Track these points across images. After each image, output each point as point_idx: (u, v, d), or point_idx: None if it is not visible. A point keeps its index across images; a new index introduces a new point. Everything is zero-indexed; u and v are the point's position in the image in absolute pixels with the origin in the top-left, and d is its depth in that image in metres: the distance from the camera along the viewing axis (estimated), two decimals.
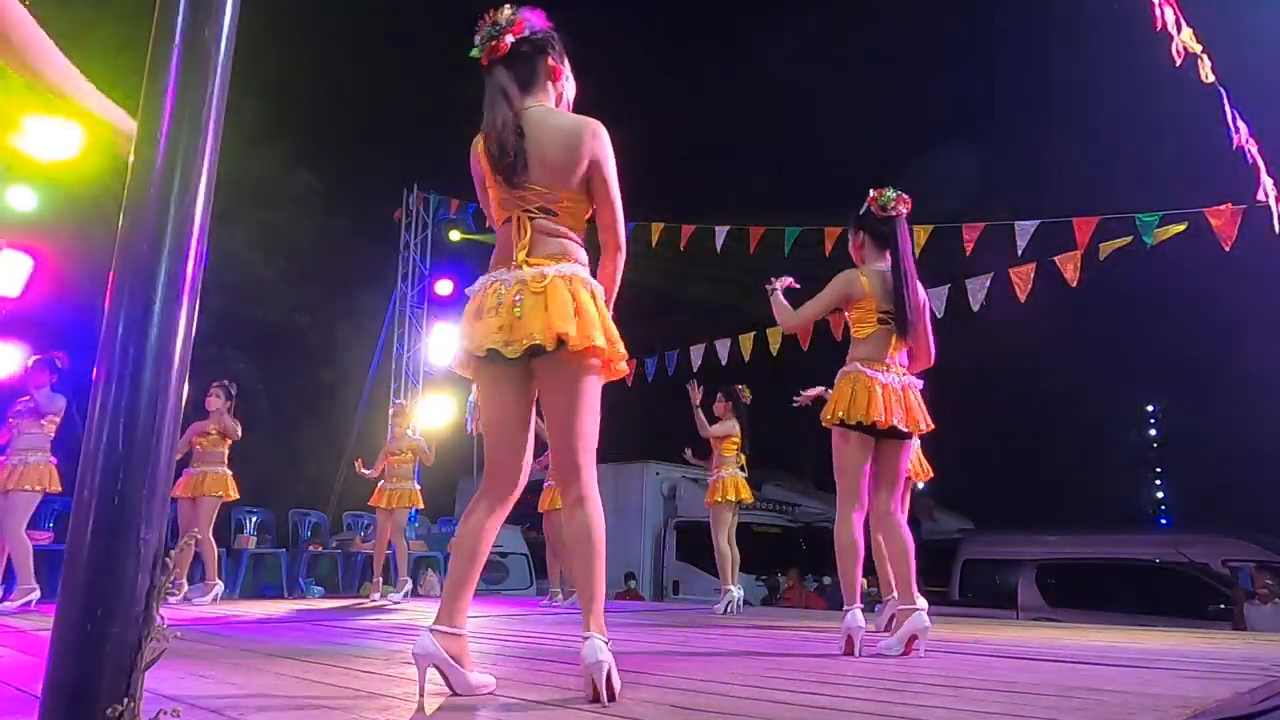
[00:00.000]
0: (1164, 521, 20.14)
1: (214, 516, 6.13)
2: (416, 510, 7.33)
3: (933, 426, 3.38)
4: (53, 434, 5.41)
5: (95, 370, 1.29)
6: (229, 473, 6.17)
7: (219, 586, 6.08)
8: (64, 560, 1.23)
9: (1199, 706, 1.94)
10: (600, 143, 2.18)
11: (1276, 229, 5.27)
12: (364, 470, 6.89)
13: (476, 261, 11.25)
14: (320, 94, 18.65)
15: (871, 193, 3.48)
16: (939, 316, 6.19)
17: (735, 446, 6.36)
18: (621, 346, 2.15)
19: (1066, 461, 18.90)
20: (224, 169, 1.41)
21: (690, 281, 17.36)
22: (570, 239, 2.18)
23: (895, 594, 3.84)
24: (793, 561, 10.50)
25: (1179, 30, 4.80)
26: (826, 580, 11.13)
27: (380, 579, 6.77)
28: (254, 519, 8.09)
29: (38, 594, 5.19)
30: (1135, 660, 3.02)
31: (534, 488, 8.84)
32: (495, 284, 2.14)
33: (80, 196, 11.86)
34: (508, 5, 2.23)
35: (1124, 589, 9.08)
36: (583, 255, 2.20)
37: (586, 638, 2.00)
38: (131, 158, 1.35)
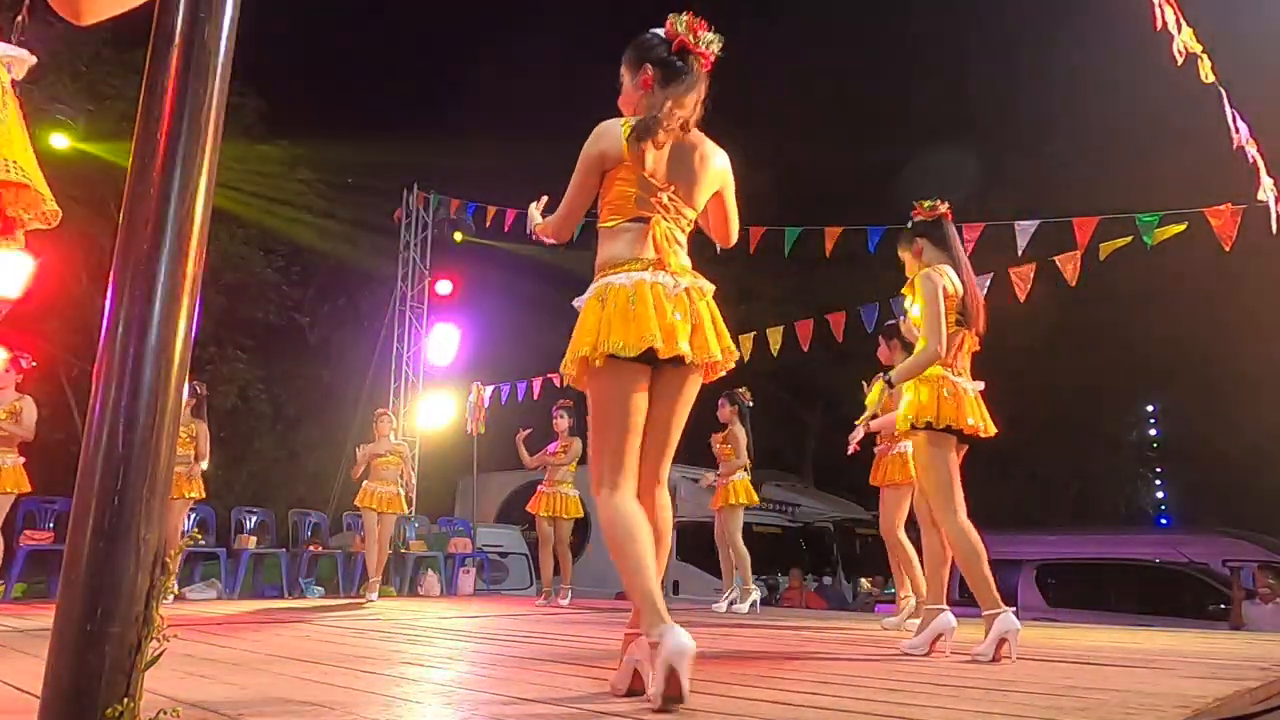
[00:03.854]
0: (1164, 521, 20.14)
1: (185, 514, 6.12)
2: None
3: (992, 432, 3.23)
4: (28, 436, 5.40)
5: (95, 370, 1.29)
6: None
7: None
8: (64, 560, 1.23)
9: (1199, 706, 1.94)
10: (729, 173, 2.40)
11: (1276, 229, 5.27)
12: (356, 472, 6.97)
13: (477, 262, 11.25)
14: (320, 94, 18.67)
15: (916, 204, 3.49)
16: None
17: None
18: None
19: (1066, 461, 18.89)
20: (224, 169, 1.41)
21: None
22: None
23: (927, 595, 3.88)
24: (793, 561, 10.50)
25: (1179, 30, 4.79)
26: (827, 580, 11.14)
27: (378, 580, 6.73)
28: (254, 519, 8.09)
29: None
30: (1135, 660, 3.02)
31: (529, 490, 8.78)
32: (654, 285, 2.14)
33: (80, 196, 11.87)
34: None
35: (1124, 589, 9.09)
36: None
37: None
38: (131, 158, 1.34)
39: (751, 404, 6.45)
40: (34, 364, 5.59)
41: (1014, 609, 3.03)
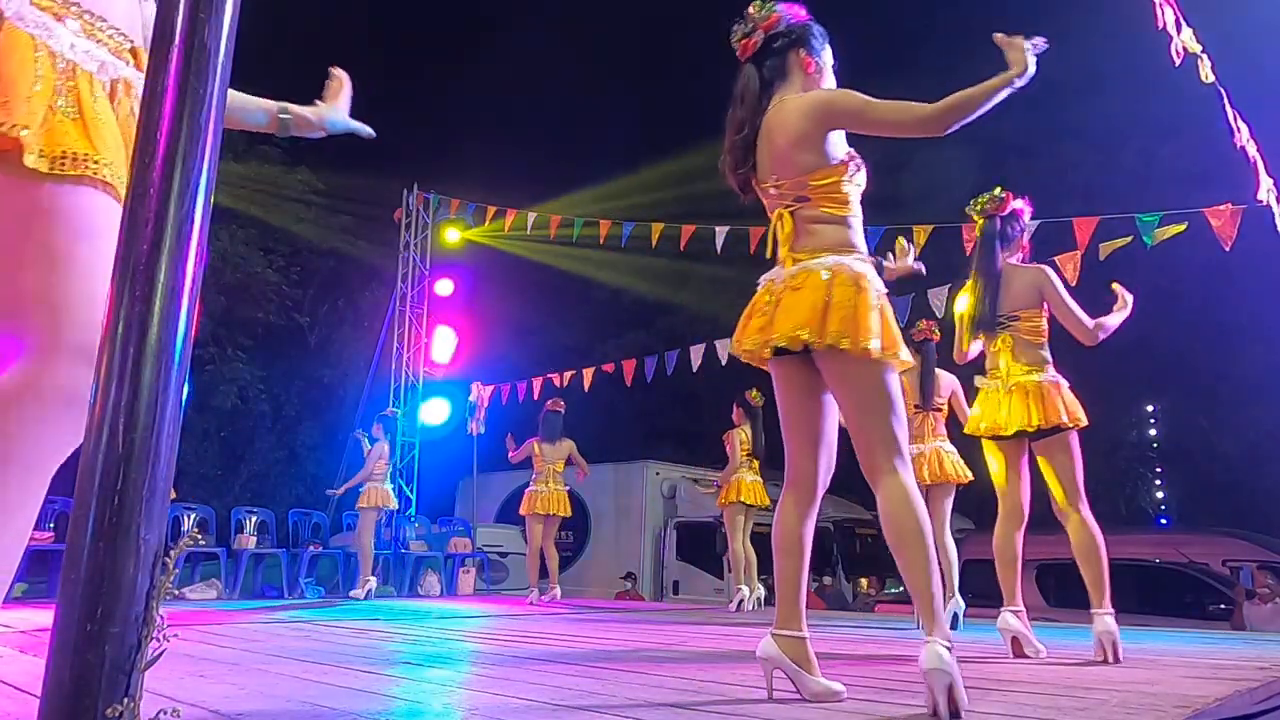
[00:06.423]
0: (1164, 521, 20.13)
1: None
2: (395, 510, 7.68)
3: (1055, 420, 3.24)
4: None
5: (95, 370, 1.29)
6: None
7: None
8: (64, 560, 1.23)
9: (1199, 706, 1.94)
10: (824, 103, 2.12)
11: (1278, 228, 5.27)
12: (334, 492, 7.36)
13: (477, 261, 11.25)
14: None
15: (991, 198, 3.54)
16: (939, 316, 6.19)
17: (745, 450, 6.44)
18: (892, 339, 1.99)
19: None
20: (224, 169, 1.42)
21: (690, 281, 17.39)
22: (838, 223, 2.09)
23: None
24: None
25: (1179, 30, 4.79)
26: (826, 580, 11.13)
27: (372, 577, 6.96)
28: (254, 519, 8.08)
29: None
30: (1135, 660, 3.02)
31: (516, 491, 8.84)
32: (769, 283, 2.15)
33: None
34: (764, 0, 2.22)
35: (1124, 589, 9.07)
36: (855, 238, 2.10)
37: (927, 642, 1.81)
38: (131, 158, 1.34)
39: (758, 404, 6.47)
40: None
41: (1016, 610, 3.13)
